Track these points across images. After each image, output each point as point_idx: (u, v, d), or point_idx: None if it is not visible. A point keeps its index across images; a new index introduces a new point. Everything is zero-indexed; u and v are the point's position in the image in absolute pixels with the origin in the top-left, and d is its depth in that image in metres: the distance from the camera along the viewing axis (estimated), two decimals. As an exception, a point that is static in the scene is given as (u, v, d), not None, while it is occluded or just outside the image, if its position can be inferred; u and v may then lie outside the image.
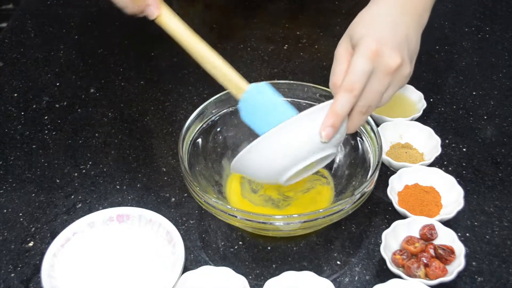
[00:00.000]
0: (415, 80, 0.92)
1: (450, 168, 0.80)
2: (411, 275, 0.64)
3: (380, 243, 0.67)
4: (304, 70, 0.99)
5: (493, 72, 0.98)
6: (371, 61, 0.61)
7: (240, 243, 0.71)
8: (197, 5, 1.17)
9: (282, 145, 0.62)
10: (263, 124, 0.66)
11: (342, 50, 0.65)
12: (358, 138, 0.75)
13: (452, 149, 0.83)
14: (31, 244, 0.72)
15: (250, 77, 0.71)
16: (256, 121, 0.68)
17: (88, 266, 0.66)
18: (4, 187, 0.79)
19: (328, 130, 0.61)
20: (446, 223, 0.70)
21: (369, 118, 0.73)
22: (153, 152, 0.85)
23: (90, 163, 0.83)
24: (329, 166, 0.76)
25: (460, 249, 0.66)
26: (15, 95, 0.96)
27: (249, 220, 0.64)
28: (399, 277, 0.64)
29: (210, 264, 0.68)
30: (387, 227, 0.69)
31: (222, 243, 0.72)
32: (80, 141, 0.87)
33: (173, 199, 0.77)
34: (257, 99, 0.68)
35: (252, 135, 0.80)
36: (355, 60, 0.62)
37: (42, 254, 0.70)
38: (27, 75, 1.00)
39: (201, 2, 1.17)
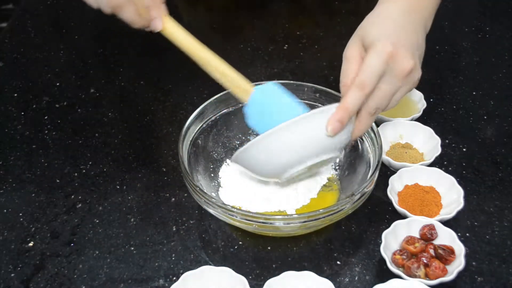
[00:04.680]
0: (415, 80, 0.92)
1: (450, 168, 0.80)
2: (411, 275, 0.64)
3: (380, 243, 0.67)
4: (304, 70, 0.99)
5: (493, 72, 0.98)
6: (385, 62, 0.62)
7: (240, 243, 0.71)
8: (197, 5, 1.17)
9: (288, 142, 0.62)
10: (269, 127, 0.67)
11: (352, 51, 0.65)
12: (358, 138, 0.75)
13: (452, 149, 0.83)
14: (31, 244, 0.72)
15: (250, 77, 0.71)
16: (262, 125, 0.68)
17: None
18: (4, 187, 0.79)
19: (335, 124, 0.61)
20: (446, 223, 0.70)
21: None
22: (153, 152, 0.85)
23: (90, 163, 0.83)
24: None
25: (460, 249, 0.66)
26: (15, 95, 0.96)
27: (249, 220, 0.64)
28: (399, 277, 0.64)
29: (210, 264, 0.68)
30: (387, 227, 0.69)
31: (222, 243, 0.72)
32: (80, 141, 0.87)
33: (173, 199, 0.77)
34: (263, 102, 0.68)
35: (252, 135, 0.80)
36: (370, 60, 0.62)
37: (42, 254, 0.71)
38: (27, 75, 1.00)
39: (202, 3, 1.17)
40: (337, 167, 0.78)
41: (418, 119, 0.86)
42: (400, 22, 0.66)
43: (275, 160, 0.63)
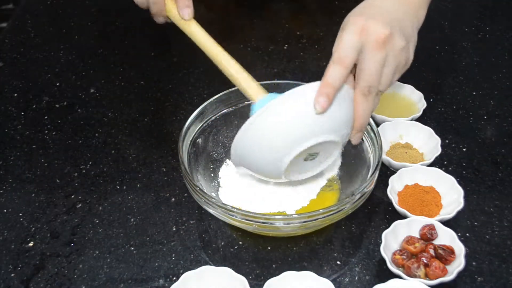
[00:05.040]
0: (415, 80, 0.92)
1: (450, 168, 0.80)
2: (411, 275, 0.64)
3: (380, 243, 0.67)
4: (304, 70, 0.99)
5: (493, 72, 0.98)
6: (358, 35, 0.61)
7: (240, 243, 0.71)
8: (197, 5, 1.17)
9: (279, 123, 0.61)
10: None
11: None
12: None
13: (452, 149, 0.83)
14: (31, 244, 0.72)
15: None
16: None
17: None
18: (4, 187, 0.79)
19: (321, 100, 0.60)
20: (446, 223, 0.70)
21: (369, 118, 0.73)
22: (153, 152, 0.85)
23: (90, 163, 0.83)
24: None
25: (460, 249, 0.66)
26: (15, 95, 0.96)
27: (249, 220, 0.64)
28: (399, 277, 0.64)
29: (210, 264, 0.68)
30: (387, 227, 0.69)
31: (222, 243, 0.72)
32: (80, 141, 0.87)
33: (173, 199, 0.77)
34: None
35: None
36: (342, 37, 0.62)
37: (42, 254, 0.70)
38: (27, 75, 1.00)
39: (202, 2, 1.17)
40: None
41: (418, 119, 0.86)
42: (384, 7, 0.65)
43: (270, 145, 0.61)
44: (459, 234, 0.69)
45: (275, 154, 0.62)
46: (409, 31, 0.66)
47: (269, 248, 0.71)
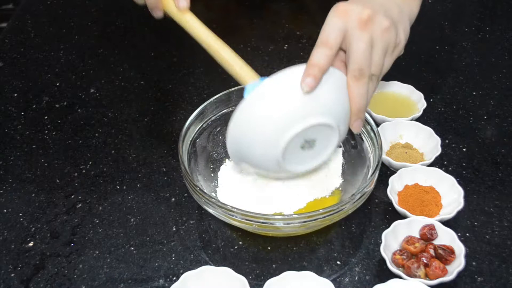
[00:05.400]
0: (415, 80, 0.92)
1: (450, 168, 0.80)
2: (411, 275, 0.64)
3: (380, 243, 0.67)
4: (304, 70, 0.99)
5: (493, 72, 0.98)
6: (341, 18, 0.62)
7: (240, 243, 0.71)
8: (197, 4, 1.17)
9: (268, 106, 0.60)
10: None
11: None
12: (358, 138, 0.75)
13: (452, 149, 0.83)
14: (31, 244, 0.72)
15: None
16: None
17: None
18: (4, 187, 0.79)
19: (308, 79, 0.59)
20: (446, 223, 0.70)
21: (369, 118, 0.73)
22: (153, 152, 0.85)
23: (90, 163, 0.83)
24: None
25: (460, 249, 0.66)
26: (15, 95, 0.96)
27: (249, 220, 0.64)
28: (399, 277, 0.64)
29: (210, 264, 0.68)
30: (387, 227, 0.69)
31: (222, 243, 0.72)
32: (80, 141, 0.87)
33: (173, 199, 0.77)
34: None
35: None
36: (326, 22, 0.62)
37: (42, 254, 0.70)
38: (27, 75, 1.00)
39: (201, 2, 1.17)
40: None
41: (418, 119, 0.86)
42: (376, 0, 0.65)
43: (262, 131, 0.61)
44: (459, 234, 0.69)
45: (269, 139, 0.61)
46: (394, 14, 0.65)
47: (269, 248, 0.71)
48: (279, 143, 0.61)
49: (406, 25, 0.68)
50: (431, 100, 0.91)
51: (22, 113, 0.92)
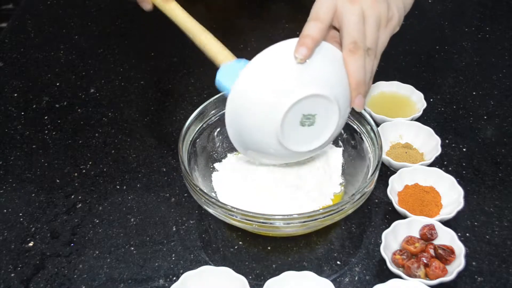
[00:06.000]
0: (415, 80, 0.92)
1: (450, 168, 0.80)
2: (411, 275, 0.64)
3: (380, 243, 0.67)
4: (304, 70, 0.99)
5: (493, 72, 0.98)
6: None
7: (240, 243, 0.71)
8: (197, 5, 1.17)
9: (263, 79, 0.60)
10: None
11: None
12: (358, 138, 0.75)
13: (452, 149, 0.83)
14: (31, 244, 0.72)
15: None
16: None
17: None
18: (4, 187, 0.79)
19: (301, 49, 0.59)
20: (446, 223, 0.70)
21: (369, 118, 0.73)
22: (153, 152, 0.85)
23: (90, 163, 0.83)
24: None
25: (460, 249, 0.66)
26: (15, 95, 0.96)
27: (249, 220, 0.64)
28: (399, 277, 0.64)
29: (210, 264, 0.68)
30: (387, 227, 0.69)
31: (222, 243, 0.72)
32: (80, 141, 0.87)
33: (173, 199, 0.77)
34: (236, 68, 0.64)
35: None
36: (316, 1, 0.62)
37: (42, 254, 0.71)
38: (27, 75, 1.00)
39: (202, 2, 1.17)
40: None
41: (418, 119, 0.86)
42: None
43: (260, 105, 0.60)
44: (459, 234, 0.69)
45: (266, 116, 0.60)
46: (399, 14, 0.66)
47: (269, 248, 0.71)
48: (276, 117, 0.60)
49: (399, 2, 0.67)
50: (431, 100, 0.91)
51: (22, 113, 0.92)
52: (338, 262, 0.69)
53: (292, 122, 0.61)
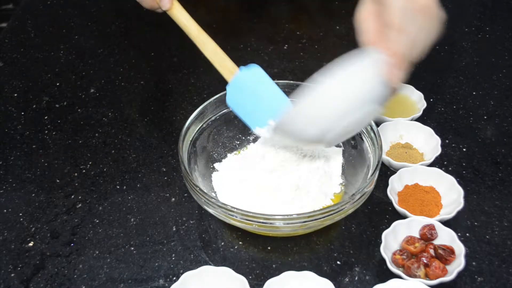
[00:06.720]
0: (415, 80, 0.92)
1: (450, 168, 0.80)
2: (411, 275, 0.64)
3: (380, 243, 0.67)
4: (304, 70, 0.99)
5: (493, 72, 0.98)
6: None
7: (240, 243, 0.71)
8: (197, 5, 1.17)
9: (335, 95, 0.62)
10: (249, 109, 0.68)
11: (365, 12, 0.64)
12: (358, 138, 0.75)
13: (452, 149, 0.83)
14: (31, 244, 0.72)
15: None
16: (241, 105, 0.70)
17: None
18: (4, 187, 0.79)
19: (394, 73, 0.63)
20: (446, 223, 0.70)
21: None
22: (153, 152, 0.85)
23: (90, 163, 0.83)
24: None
25: (460, 249, 0.66)
26: (15, 95, 0.96)
27: (249, 220, 0.64)
28: (399, 277, 0.64)
29: (210, 264, 0.68)
30: (387, 227, 0.69)
31: (222, 243, 0.72)
32: (80, 141, 0.87)
33: (173, 199, 0.77)
34: (245, 83, 0.69)
35: (252, 134, 0.80)
36: (393, 1, 0.61)
37: (42, 254, 0.70)
38: (27, 75, 1.00)
39: (202, 3, 1.17)
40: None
41: (418, 119, 0.86)
42: None
43: (327, 114, 0.62)
44: (459, 234, 0.69)
45: (330, 122, 0.62)
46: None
47: (269, 248, 0.71)
48: (336, 127, 0.62)
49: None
50: (431, 100, 0.91)
51: (22, 113, 0.92)
52: (338, 262, 0.69)
53: None
